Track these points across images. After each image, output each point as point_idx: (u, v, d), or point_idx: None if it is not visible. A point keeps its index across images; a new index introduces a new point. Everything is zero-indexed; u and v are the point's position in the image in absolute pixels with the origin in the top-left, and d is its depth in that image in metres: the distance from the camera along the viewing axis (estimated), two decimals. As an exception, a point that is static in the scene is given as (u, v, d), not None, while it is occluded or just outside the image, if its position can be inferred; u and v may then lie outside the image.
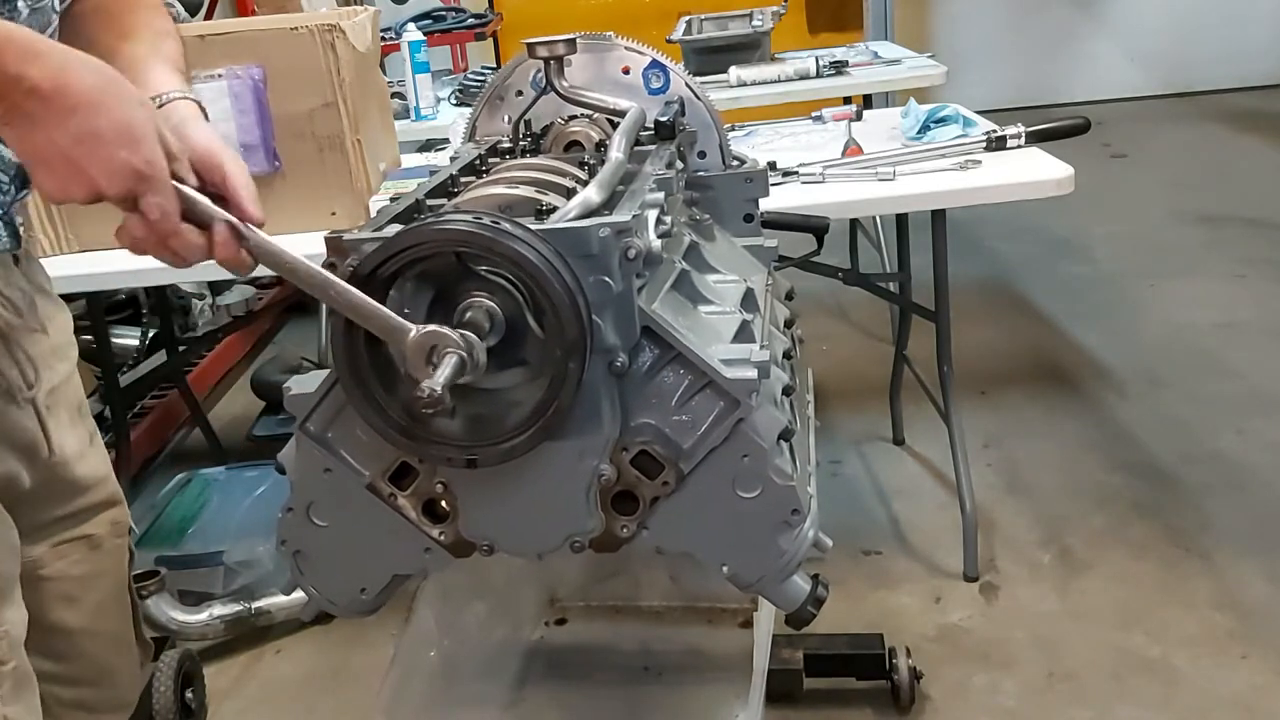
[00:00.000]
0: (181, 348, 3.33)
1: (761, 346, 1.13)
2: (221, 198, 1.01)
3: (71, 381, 1.30)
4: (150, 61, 1.17)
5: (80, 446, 1.29)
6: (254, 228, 1.00)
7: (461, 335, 0.93)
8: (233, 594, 2.53)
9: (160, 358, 3.39)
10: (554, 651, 1.69)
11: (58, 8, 1.19)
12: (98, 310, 2.84)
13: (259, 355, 4.26)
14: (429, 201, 1.22)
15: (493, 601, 1.67)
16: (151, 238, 0.97)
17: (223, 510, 2.72)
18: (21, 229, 1.20)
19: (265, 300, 4.27)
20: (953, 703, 2.16)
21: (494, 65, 4.77)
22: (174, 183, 0.97)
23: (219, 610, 2.49)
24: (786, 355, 1.33)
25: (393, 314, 0.96)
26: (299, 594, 1.17)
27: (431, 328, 0.93)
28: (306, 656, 2.50)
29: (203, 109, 1.13)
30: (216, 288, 4.06)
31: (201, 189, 1.00)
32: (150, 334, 3.56)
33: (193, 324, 3.90)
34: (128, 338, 3.54)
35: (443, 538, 1.10)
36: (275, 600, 2.51)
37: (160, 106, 1.10)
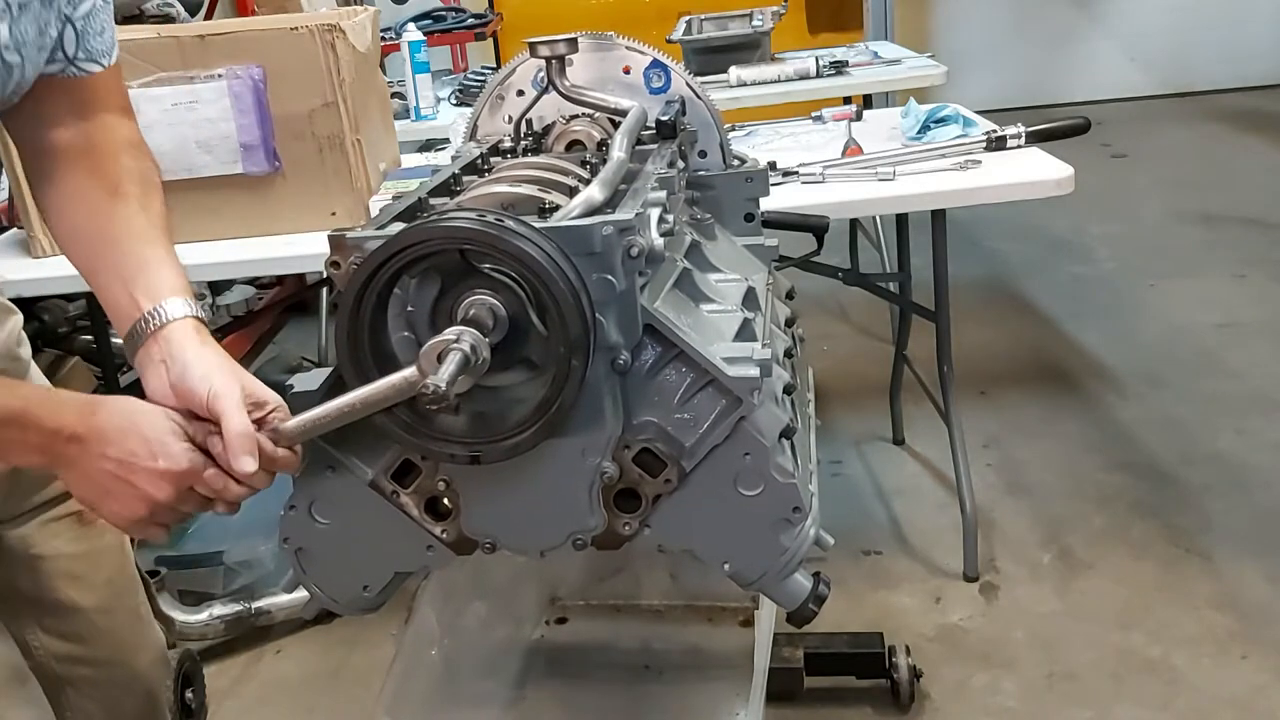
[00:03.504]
0: (182, 347, 3.32)
1: (763, 345, 1.13)
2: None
3: (28, 380, 1.33)
4: (148, 249, 1.16)
5: None
6: (282, 425, 1.04)
7: (461, 331, 0.93)
8: (233, 594, 2.53)
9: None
10: (555, 650, 1.69)
11: (21, 79, 1.14)
12: (98, 310, 2.82)
13: (259, 355, 4.25)
14: (432, 200, 1.22)
15: (494, 600, 1.67)
16: (221, 505, 1.05)
17: (223, 510, 2.72)
18: None
19: (265, 300, 4.26)
20: (953, 702, 2.16)
21: (494, 65, 4.77)
22: (196, 450, 1.03)
23: (219, 610, 2.50)
24: (788, 354, 1.33)
25: (391, 376, 0.96)
26: (299, 593, 1.17)
27: (422, 353, 0.93)
28: (306, 656, 2.49)
29: (201, 320, 1.13)
30: (216, 288, 4.05)
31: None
32: (150, 334, 3.55)
33: (193, 324, 3.88)
34: (128, 337, 3.54)
35: (445, 535, 1.10)
36: (275, 600, 2.51)
37: (159, 328, 1.10)
